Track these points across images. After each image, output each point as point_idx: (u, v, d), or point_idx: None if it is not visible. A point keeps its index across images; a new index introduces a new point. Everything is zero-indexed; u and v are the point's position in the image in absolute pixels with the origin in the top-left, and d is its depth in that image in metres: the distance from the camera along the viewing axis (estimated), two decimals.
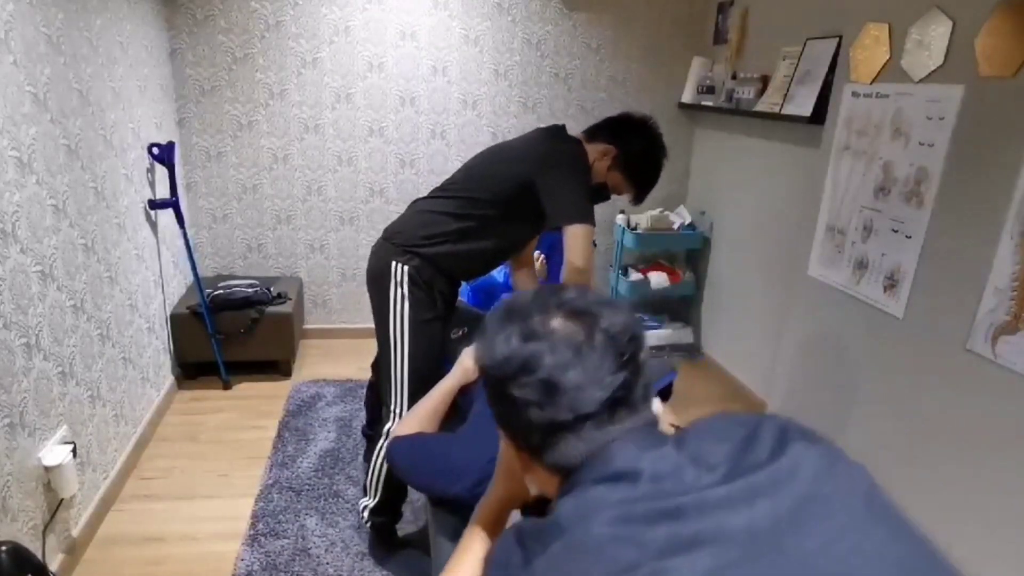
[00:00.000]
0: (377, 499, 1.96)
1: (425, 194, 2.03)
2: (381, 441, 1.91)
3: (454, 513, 1.41)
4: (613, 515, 0.63)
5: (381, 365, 1.94)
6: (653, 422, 0.74)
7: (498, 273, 3.06)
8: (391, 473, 1.90)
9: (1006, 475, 1.78)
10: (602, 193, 1.95)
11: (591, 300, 0.74)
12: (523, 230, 1.98)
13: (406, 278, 1.85)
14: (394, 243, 1.89)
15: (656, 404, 0.91)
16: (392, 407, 1.90)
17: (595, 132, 1.94)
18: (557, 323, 0.72)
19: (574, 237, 1.76)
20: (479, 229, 1.87)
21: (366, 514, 2.00)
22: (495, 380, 0.74)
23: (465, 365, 1.68)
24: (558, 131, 1.93)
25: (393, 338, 1.87)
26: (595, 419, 0.70)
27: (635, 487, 0.66)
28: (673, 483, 0.65)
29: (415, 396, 1.83)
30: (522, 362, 0.71)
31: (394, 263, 1.85)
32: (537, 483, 0.80)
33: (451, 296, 1.98)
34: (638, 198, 1.99)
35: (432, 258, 1.86)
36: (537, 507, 0.99)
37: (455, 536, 1.36)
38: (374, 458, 1.94)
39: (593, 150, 1.90)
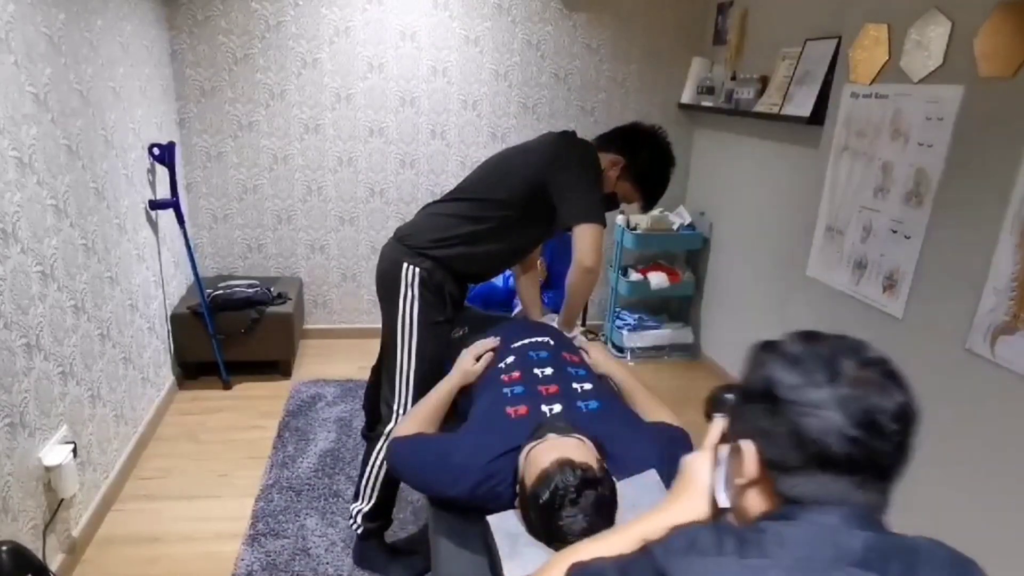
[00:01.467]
0: (372, 503, 1.94)
1: (437, 198, 2.03)
2: (380, 443, 1.90)
3: (454, 513, 1.41)
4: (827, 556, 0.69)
5: (386, 365, 1.94)
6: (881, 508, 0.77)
7: (497, 279, 3.06)
8: (388, 477, 1.90)
9: (1005, 474, 1.79)
10: (611, 202, 1.96)
11: (890, 367, 0.76)
12: (535, 232, 1.99)
13: (417, 280, 1.85)
14: (406, 244, 1.89)
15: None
16: (395, 407, 1.89)
17: (605, 141, 1.94)
18: (872, 377, 0.73)
19: (584, 237, 1.76)
20: (491, 231, 1.88)
21: (359, 519, 1.96)
22: (792, 399, 0.74)
23: (465, 367, 1.68)
24: (571, 135, 1.95)
25: (401, 339, 1.87)
26: (858, 477, 0.72)
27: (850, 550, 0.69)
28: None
29: (419, 397, 1.83)
30: (842, 399, 0.72)
31: (405, 264, 1.85)
32: (747, 500, 0.81)
33: (460, 299, 1.98)
34: (646, 207, 2.01)
35: (444, 260, 1.86)
36: None
37: (455, 536, 1.37)
38: (371, 462, 1.93)
39: (603, 159, 1.90)
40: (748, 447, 0.78)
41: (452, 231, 1.87)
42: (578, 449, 1.24)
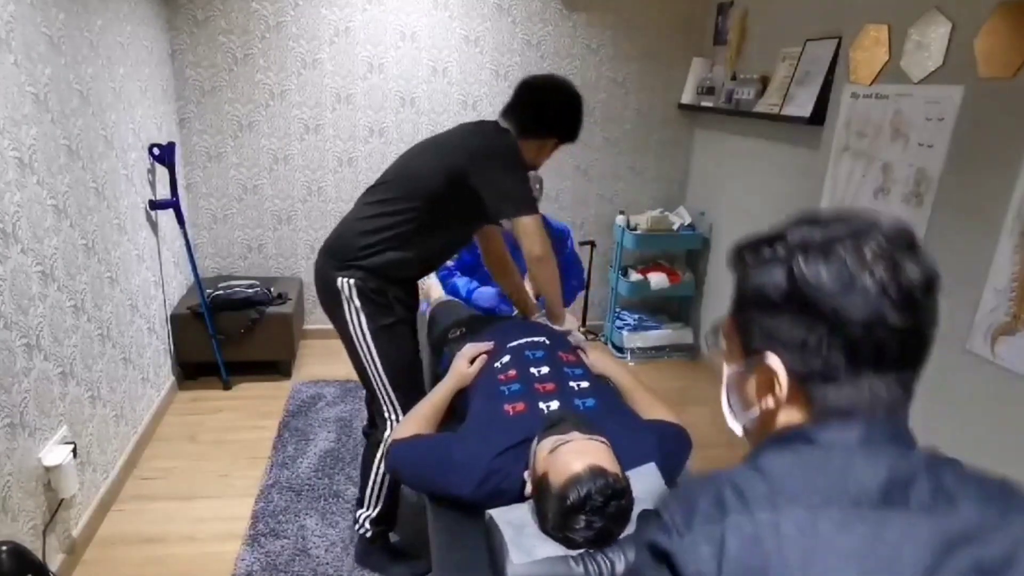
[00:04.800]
0: (379, 509, 1.94)
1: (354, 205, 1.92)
2: (380, 450, 1.89)
3: (454, 512, 1.41)
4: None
5: (362, 380, 1.92)
6: (906, 405, 0.69)
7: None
8: (391, 482, 1.90)
9: (1005, 474, 1.79)
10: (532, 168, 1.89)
11: (908, 235, 0.67)
12: (464, 225, 1.92)
13: (355, 292, 1.78)
14: (335, 259, 1.82)
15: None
16: (386, 415, 1.89)
17: (521, 129, 1.83)
18: (897, 251, 0.65)
19: (526, 230, 1.73)
20: (419, 231, 1.79)
21: (367, 524, 1.96)
22: (830, 296, 0.63)
23: (460, 370, 1.68)
24: (489, 124, 1.87)
25: (361, 353, 1.84)
26: (900, 368, 0.65)
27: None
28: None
29: (404, 397, 1.83)
30: (881, 284, 0.63)
31: (339, 279, 1.79)
32: (770, 421, 0.71)
33: (408, 298, 1.91)
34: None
35: (376, 268, 1.79)
36: None
37: (455, 535, 1.37)
38: (374, 468, 1.92)
39: (528, 147, 1.83)
40: (776, 363, 0.67)
41: (378, 236, 1.78)
42: (607, 456, 1.24)
